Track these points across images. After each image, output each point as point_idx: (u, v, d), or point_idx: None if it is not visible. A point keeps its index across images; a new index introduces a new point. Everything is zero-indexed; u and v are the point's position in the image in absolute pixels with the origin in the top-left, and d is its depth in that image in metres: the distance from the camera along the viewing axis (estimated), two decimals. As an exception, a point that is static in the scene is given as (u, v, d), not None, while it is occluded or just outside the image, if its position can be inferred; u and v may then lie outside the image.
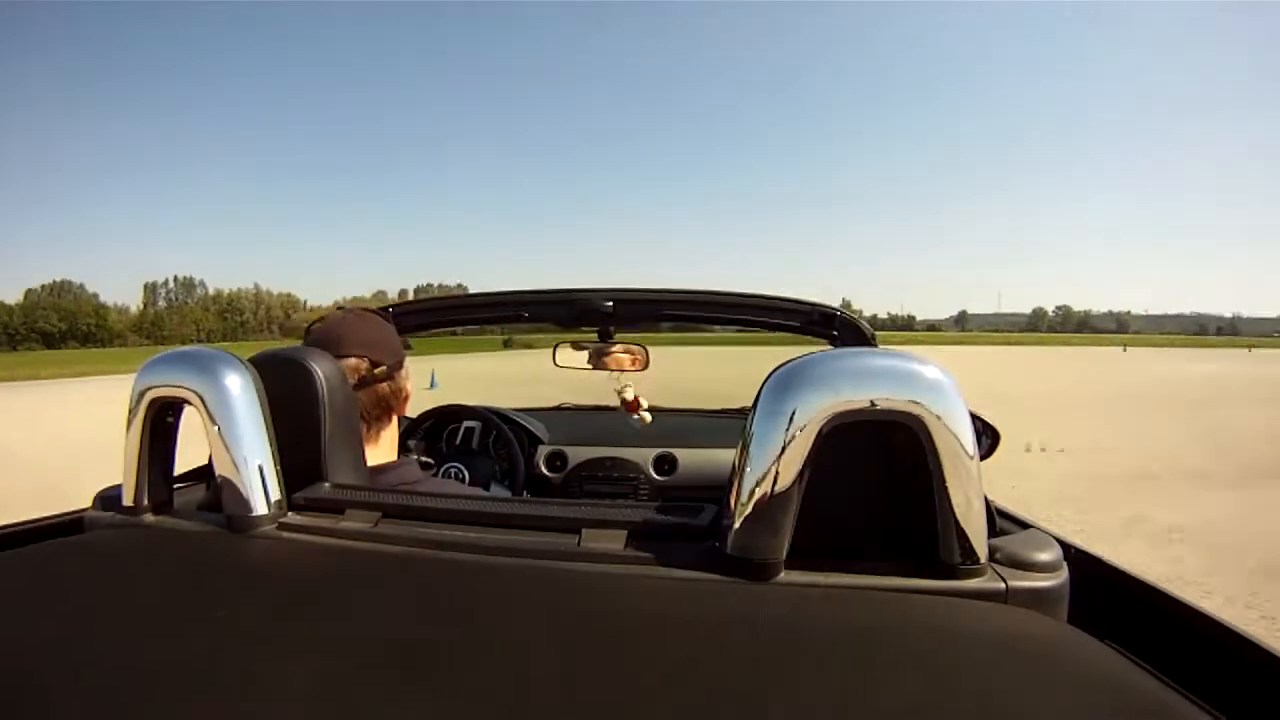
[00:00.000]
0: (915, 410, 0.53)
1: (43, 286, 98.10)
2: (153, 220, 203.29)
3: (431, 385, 8.25)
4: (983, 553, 0.56)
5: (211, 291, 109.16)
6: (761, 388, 0.57)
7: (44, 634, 0.46)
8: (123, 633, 0.47)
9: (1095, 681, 0.41)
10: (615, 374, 1.55)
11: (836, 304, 1.29)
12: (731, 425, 1.78)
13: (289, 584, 0.58)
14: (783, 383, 0.56)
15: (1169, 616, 0.65)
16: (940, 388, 0.54)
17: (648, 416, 1.57)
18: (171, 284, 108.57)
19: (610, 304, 1.29)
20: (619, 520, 0.63)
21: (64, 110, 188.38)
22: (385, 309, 1.33)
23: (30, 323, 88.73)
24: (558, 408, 2.13)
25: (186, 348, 0.77)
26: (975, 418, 0.60)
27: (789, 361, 0.57)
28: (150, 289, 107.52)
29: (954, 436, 0.53)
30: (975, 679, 0.40)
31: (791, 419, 0.54)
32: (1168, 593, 0.66)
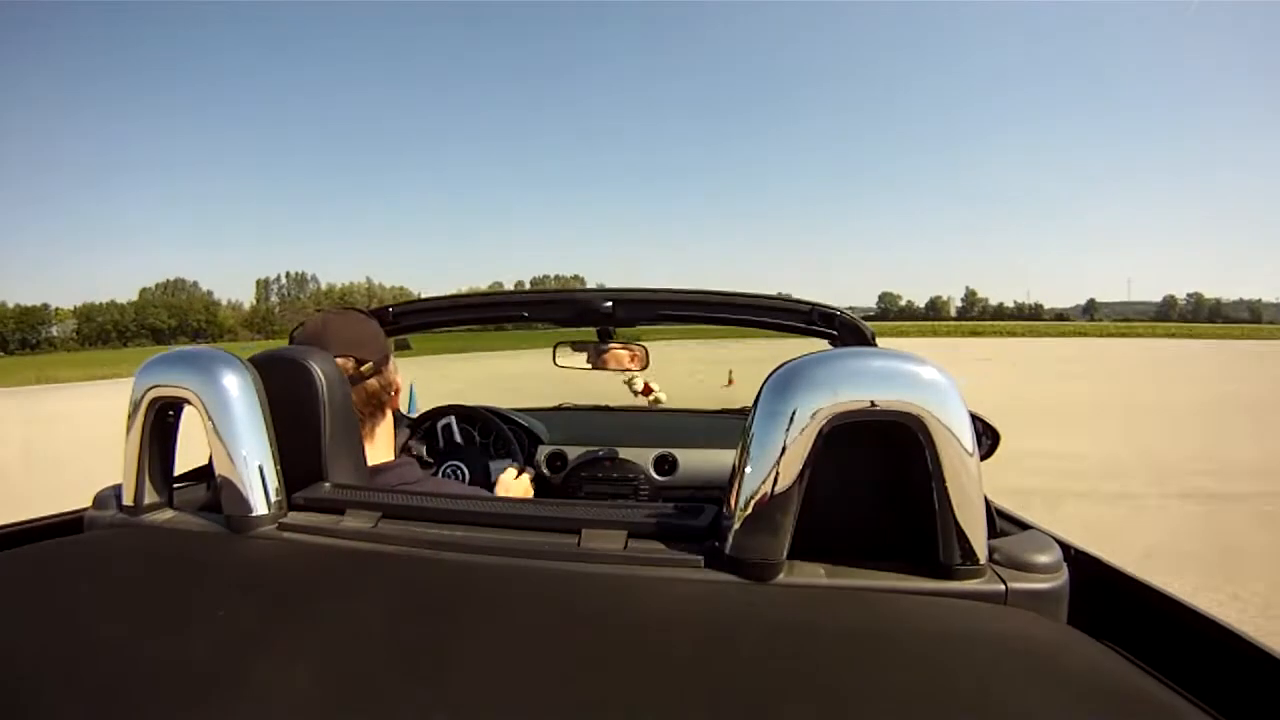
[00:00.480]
0: (915, 410, 0.53)
1: (156, 285, 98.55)
2: (266, 217, 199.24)
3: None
4: (982, 554, 0.55)
5: (324, 286, 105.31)
6: (762, 388, 0.57)
7: (43, 634, 0.47)
8: (122, 633, 0.47)
9: (1094, 683, 0.41)
10: (618, 371, 1.56)
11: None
12: (732, 425, 1.78)
13: (289, 584, 0.58)
14: (783, 383, 0.55)
15: (1169, 618, 0.64)
16: (940, 388, 0.53)
17: (664, 396, 1.62)
18: (284, 279, 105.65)
19: (609, 304, 1.29)
20: (619, 520, 0.63)
21: (177, 111, 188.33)
22: (385, 308, 1.39)
23: (141, 320, 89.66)
24: (558, 407, 2.08)
25: (186, 347, 0.77)
26: (975, 418, 0.60)
27: (789, 362, 0.57)
28: (263, 285, 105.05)
29: (954, 436, 0.53)
30: (974, 681, 0.41)
31: (792, 419, 0.53)
32: (1167, 594, 0.65)
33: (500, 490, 1.32)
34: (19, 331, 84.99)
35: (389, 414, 1.02)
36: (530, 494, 1.37)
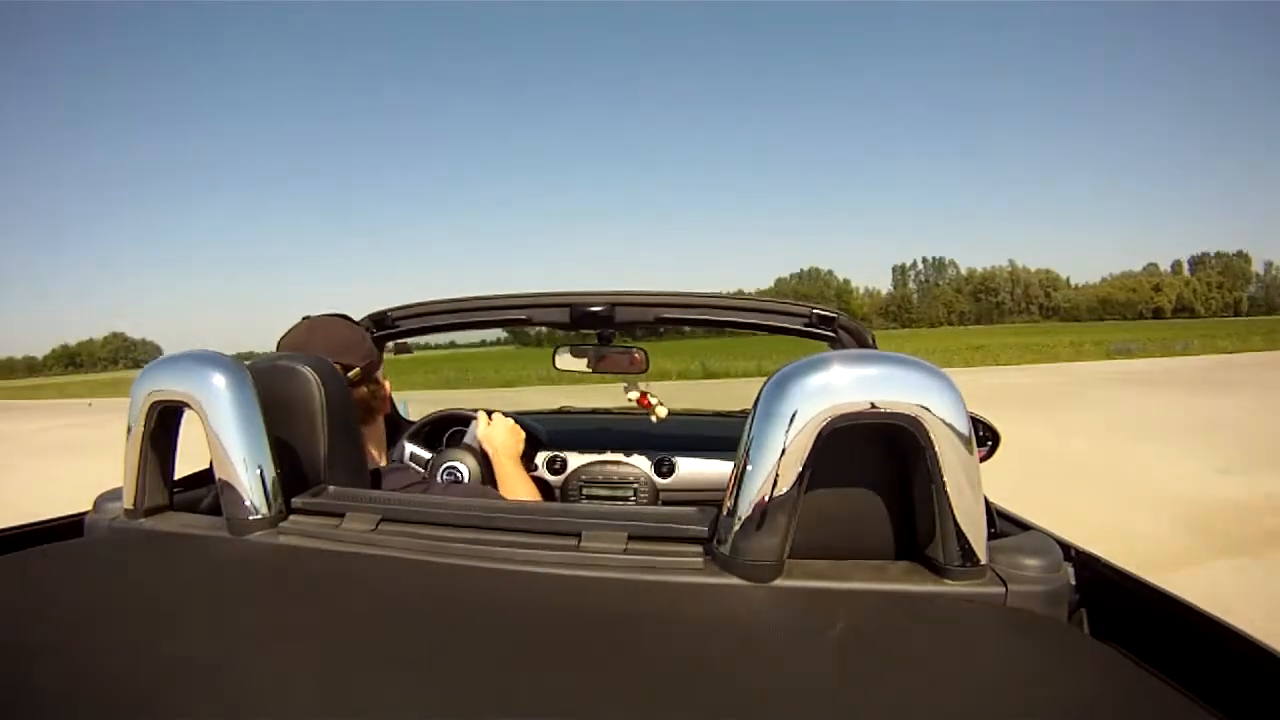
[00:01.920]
0: (915, 412, 0.53)
1: (791, 275, 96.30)
2: (903, 204, 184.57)
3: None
4: (982, 555, 0.55)
5: (964, 271, 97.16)
6: (761, 390, 0.57)
7: (44, 637, 0.47)
8: (123, 635, 0.47)
9: (1095, 684, 0.41)
10: (619, 376, 1.56)
11: None
12: (732, 428, 1.74)
13: (288, 587, 0.58)
14: (782, 385, 0.55)
15: (1170, 618, 0.64)
16: (940, 389, 0.54)
17: (663, 411, 1.55)
18: (920, 265, 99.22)
19: (608, 308, 1.28)
20: (619, 523, 0.63)
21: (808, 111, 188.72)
22: (384, 313, 1.38)
23: None
24: (558, 411, 2.09)
25: (186, 351, 0.76)
26: (976, 420, 0.59)
27: (789, 364, 0.57)
28: (899, 271, 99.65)
29: (954, 438, 0.53)
30: (974, 682, 0.41)
31: (791, 421, 0.53)
32: (1169, 594, 0.65)
33: (482, 438, 1.27)
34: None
35: (379, 420, 1.03)
36: (517, 433, 1.31)
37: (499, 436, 1.27)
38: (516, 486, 1.20)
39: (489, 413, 1.33)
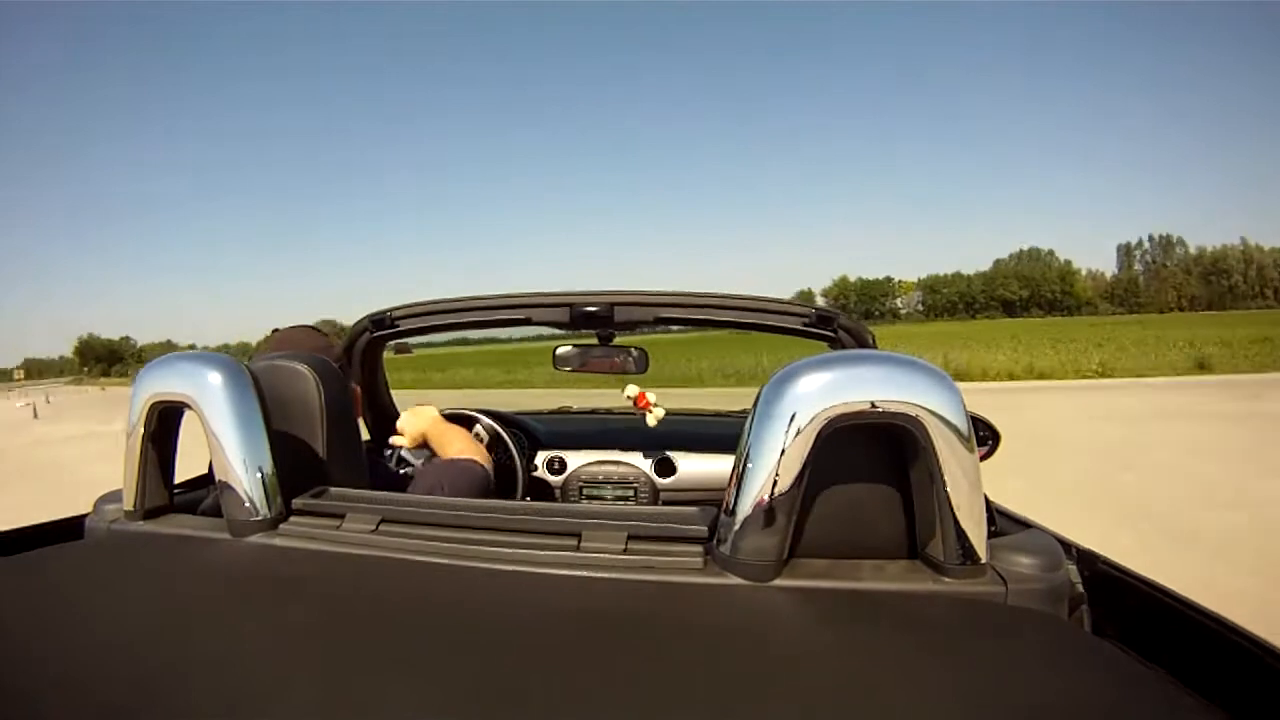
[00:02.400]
0: (914, 412, 0.53)
1: (1010, 255, 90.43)
2: (1126, 176, 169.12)
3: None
4: (983, 553, 0.55)
5: (1193, 250, 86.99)
6: (761, 390, 0.57)
7: (44, 640, 0.47)
8: (123, 638, 0.47)
9: (1095, 681, 0.41)
10: (619, 377, 1.55)
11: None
12: (732, 428, 1.77)
13: (288, 588, 0.58)
14: (782, 385, 0.55)
15: (1171, 614, 0.64)
16: (940, 389, 0.54)
17: (660, 412, 1.53)
18: (1147, 244, 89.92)
19: (609, 307, 1.29)
20: (618, 523, 0.63)
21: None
22: (385, 313, 1.38)
23: (990, 291, 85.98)
24: (558, 411, 2.12)
25: (186, 352, 0.77)
26: (976, 419, 0.60)
27: (789, 364, 0.57)
28: (1125, 251, 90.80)
29: (954, 437, 0.53)
30: (976, 680, 0.41)
31: (791, 421, 0.54)
32: (1169, 591, 0.65)
33: (410, 441, 1.26)
34: (862, 303, 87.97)
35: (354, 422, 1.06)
36: (418, 411, 1.29)
37: (411, 424, 1.27)
38: (449, 438, 1.22)
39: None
